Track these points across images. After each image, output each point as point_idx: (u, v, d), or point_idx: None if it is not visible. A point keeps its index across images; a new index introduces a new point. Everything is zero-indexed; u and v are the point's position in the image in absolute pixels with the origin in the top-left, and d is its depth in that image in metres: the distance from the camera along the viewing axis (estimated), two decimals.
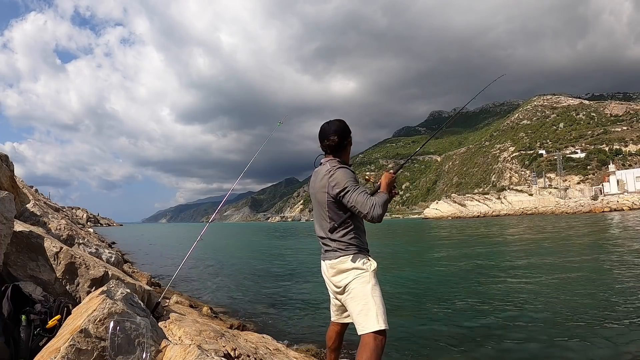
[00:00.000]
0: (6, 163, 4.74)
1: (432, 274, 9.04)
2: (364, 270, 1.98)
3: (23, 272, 2.79)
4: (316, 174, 2.14)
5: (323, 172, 2.06)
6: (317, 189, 2.09)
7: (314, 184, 2.13)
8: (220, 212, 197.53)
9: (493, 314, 5.18)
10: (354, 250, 2.01)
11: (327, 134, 2.11)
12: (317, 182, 2.10)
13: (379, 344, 1.82)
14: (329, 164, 2.07)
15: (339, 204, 2.02)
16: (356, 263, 1.98)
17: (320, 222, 2.12)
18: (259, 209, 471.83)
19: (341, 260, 2.00)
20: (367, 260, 2.02)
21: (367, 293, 1.92)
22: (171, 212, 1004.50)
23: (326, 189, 2.02)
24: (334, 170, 2.00)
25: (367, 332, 1.85)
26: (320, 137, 2.14)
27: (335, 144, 2.10)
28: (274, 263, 12.57)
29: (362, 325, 1.88)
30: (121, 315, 1.84)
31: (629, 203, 63.14)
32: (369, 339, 1.84)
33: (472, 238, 20.54)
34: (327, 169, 2.04)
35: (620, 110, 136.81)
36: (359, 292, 1.94)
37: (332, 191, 1.99)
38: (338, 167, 2.02)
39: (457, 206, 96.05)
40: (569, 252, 11.65)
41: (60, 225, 4.35)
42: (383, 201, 1.95)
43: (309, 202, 2.87)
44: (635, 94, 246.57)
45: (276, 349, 3.38)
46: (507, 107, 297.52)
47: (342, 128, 2.12)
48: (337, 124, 2.13)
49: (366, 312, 1.89)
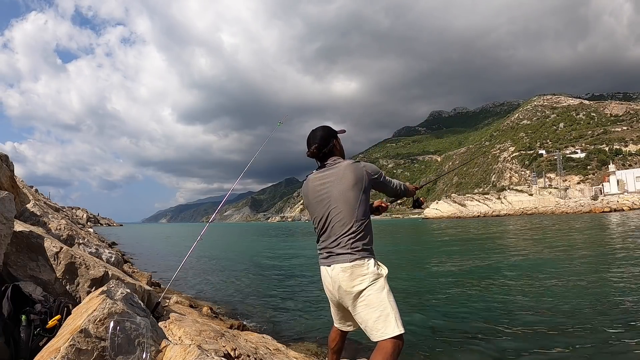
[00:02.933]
0: (6, 163, 4.74)
1: (432, 273, 9.03)
2: (380, 276, 1.94)
3: (23, 272, 2.79)
4: (328, 176, 2.07)
5: (343, 167, 2.05)
6: (345, 184, 2.01)
7: (333, 184, 2.04)
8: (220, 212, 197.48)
9: (493, 314, 5.18)
10: (370, 255, 1.98)
11: (314, 142, 2.16)
12: (337, 180, 2.03)
13: (396, 349, 1.80)
14: (342, 161, 2.11)
15: (366, 203, 2.05)
16: (373, 268, 1.95)
17: (337, 222, 2.01)
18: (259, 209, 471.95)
19: (358, 263, 1.93)
20: (379, 265, 1.99)
21: (384, 299, 1.90)
22: (171, 212, 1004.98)
23: (363, 177, 2.03)
24: (360, 162, 2.10)
25: (387, 337, 1.82)
26: (309, 145, 2.20)
27: (328, 150, 2.17)
28: (274, 263, 12.57)
29: (381, 332, 1.84)
30: (121, 315, 1.84)
31: (629, 203, 63.16)
32: (388, 344, 1.81)
33: (473, 238, 20.54)
34: (347, 163, 2.07)
35: (620, 110, 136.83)
36: (374, 299, 1.89)
37: (371, 176, 2.07)
38: (358, 160, 2.14)
39: (457, 206, 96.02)
40: (569, 252, 11.65)
41: (60, 225, 4.35)
42: (405, 186, 2.40)
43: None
44: (635, 94, 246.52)
45: (276, 349, 3.38)
46: (507, 107, 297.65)
47: (325, 134, 2.20)
48: (320, 132, 2.20)
49: (385, 317, 1.86)
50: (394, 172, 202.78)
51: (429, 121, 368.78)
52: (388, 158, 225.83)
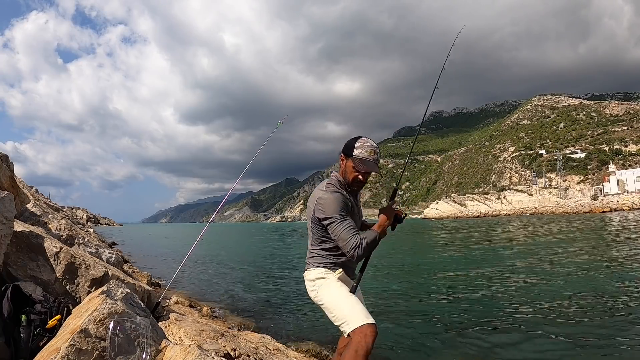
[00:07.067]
0: (6, 163, 4.74)
1: (430, 274, 9.04)
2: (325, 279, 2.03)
3: (23, 272, 2.79)
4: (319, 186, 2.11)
5: (318, 189, 2.05)
6: (308, 202, 2.08)
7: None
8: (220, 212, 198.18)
9: (493, 314, 5.18)
10: (320, 264, 2.05)
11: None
12: (311, 196, 2.08)
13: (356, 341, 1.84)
14: (326, 182, 2.06)
15: (321, 225, 2.00)
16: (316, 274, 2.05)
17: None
18: (259, 209, 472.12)
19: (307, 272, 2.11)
20: (327, 271, 2.05)
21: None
22: (171, 212, 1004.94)
23: (313, 207, 2.00)
24: (327, 193, 1.95)
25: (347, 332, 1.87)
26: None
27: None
28: (274, 263, 12.57)
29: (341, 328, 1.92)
30: (121, 315, 1.84)
31: (629, 203, 63.14)
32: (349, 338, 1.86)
33: (473, 238, 20.54)
34: (322, 187, 2.02)
35: (620, 110, 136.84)
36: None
37: (318, 214, 1.96)
38: (333, 190, 1.97)
39: (457, 206, 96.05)
40: (570, 252, 11.65)
41: (60, 225, 4.36)
42: (369, 241, 1.88)
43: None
44: (635, 94, 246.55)
45: (276, 349, 3.38)
46: (507, 107, 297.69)
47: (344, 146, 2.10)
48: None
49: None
50: (394, 172, 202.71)
51: (429, 121, 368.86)
52: (388, 158, 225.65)
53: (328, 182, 2.05)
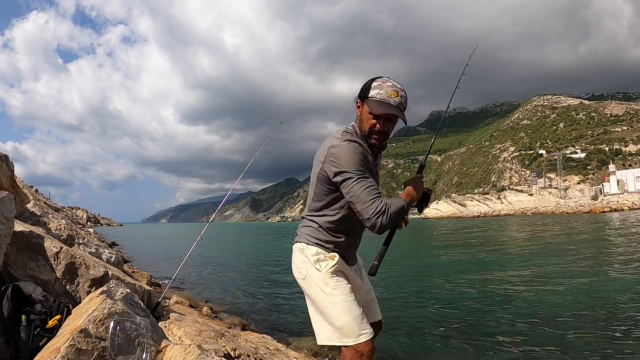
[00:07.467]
0: (6, 163, 4.74)
1: (430, 275, 9.03)
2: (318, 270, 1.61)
3: (23, 272, 2.79)
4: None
5: (331, 136, 1.58)
6: (316, 155, 1.61)
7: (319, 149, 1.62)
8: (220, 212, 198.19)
9: (493, 315, 5.18)
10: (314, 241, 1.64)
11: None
12: (321, 146, 1.60)
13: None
14: (341, 130, 1.58)
15: (330, 184, 1.53)
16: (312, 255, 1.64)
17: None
18: (259, 209, 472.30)
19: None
20: (321, 252, 1.63)
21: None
22: (171, 212, 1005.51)
23: (323, 159, 1.52)
24: (343, 142, 1.48)
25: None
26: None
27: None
28: (274, 263, 12.57)
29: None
30: (121, 315, 1.84)
31: (629, 203, 63.17)
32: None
33: (473, 238, 20.54)
34: (337, 135, 1.55)
35: (620, 110, 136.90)
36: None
37: (329, 167, 1.49)
38: (350, 139, 1.50)
39: (457, 206, 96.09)
40: (570, 252, 11.64)
41: (60, 225, 4.35)
42: (397, 208, 1.44)
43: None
44: (635, 94, 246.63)
45: (276, 349, 3.38)
46: (507, 107, 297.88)
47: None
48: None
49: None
50: (394, 172, 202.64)
51: (429, 121, 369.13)
52: (388, 158, 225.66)
53: (344, 130, 1.56)
